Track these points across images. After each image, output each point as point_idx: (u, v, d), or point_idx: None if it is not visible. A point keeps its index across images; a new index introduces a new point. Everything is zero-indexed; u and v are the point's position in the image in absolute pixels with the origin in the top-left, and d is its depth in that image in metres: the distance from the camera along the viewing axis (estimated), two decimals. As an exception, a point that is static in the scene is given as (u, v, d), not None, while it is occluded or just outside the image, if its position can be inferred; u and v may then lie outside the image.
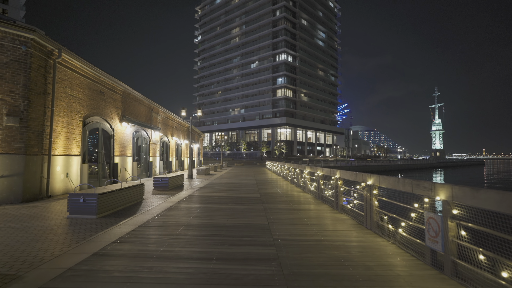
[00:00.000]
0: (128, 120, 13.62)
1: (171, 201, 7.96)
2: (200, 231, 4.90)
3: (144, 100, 15.93)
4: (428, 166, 78.39)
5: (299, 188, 11.93)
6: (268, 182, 14.78)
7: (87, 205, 5.59)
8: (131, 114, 14.44)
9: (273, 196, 9.48)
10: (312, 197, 9.51)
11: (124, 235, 4.50)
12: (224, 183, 13.85)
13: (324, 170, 8.57)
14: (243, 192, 10.56)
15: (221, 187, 12.03)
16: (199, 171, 20.06)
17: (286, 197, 9.33)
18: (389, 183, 4.53)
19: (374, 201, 5.04)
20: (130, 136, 14.32)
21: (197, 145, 33.94)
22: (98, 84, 11.09)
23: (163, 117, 20.11)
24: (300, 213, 6.63)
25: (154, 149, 18.08)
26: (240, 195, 9.72)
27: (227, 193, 10.18)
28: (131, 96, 14.20)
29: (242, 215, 6.34)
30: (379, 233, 4.84)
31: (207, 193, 10.07)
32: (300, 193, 10.40)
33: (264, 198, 9.07)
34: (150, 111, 17.32)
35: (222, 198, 8.90)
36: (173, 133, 22.91)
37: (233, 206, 7.46)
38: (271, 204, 7.91)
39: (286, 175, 16.37)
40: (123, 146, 13.43)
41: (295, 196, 9.72)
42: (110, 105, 12.17)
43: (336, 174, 7.07)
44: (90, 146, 10.64)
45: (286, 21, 72.21)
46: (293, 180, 14.13)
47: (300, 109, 75.11)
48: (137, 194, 7.81)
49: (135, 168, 14.52)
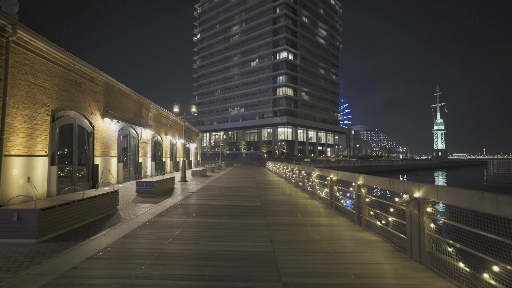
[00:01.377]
0: (112, 116, 12.08)
1: (151, 213, 6.41)
2: (175, 268, 3.34)
3: (132, 95, 14.38)
4: (432, 167, 76.88)
5: (306, 194, 10.39)
6: (269, 186, 13.23)
7: (23, 225, 4.05)
8: (116, 109, 12.89)
9: (276, 205, 7.93)
10: (322, 205, 7.96)
11: (52, 281, 2.94)
12: (220, 187, 12.30)
13: (339, 174, 7.02)
14: (241, 198, 9.01)
15: (216, 192, 10.48)
16: (195, 172, 18.51)
17: (292, 206, 7.78)
18: (460, 198, 2.98)
19: (427, 222, 3.50)
20: (115, 134, 12.77)
21: (194, 145, 32.41)
22: (73, 73, 9.53)
23: (156, 114, 18.56)
24: (314, 232, 5.08)
25: (145, 149, 16.53)
26: (238, 203, 8.17)
27: (222, 200, 8.63)
28: (115, 89, 12.65)
29: (239, 235, 4.79)
30: (434, 269, 3.30)
31: (198, 200, 8.52)
32: (307, 200, 8.86)
33: (266, 207, 7.52)
34: (140, 107, 15.76)
35: (215, 208, 7.35)
36: (167, 132, 21.36)
37: (228, 220, 5.91)
38: (275, 216, 6.36)
39: (289, 177, 14.84)
40: (105, 145, 11.88)
41: (302, 204, 8.17)
42: (89, 98, 10.61)
43: (359, 180, 5.52)
44: (62, 145, 9.09)
45: (287, 18, 70.63)
46: (297, 183, 12.58)
47: (301, 108, 73.53)
48: (108, 204, 6.26)
49: (120, 170, 12.98)
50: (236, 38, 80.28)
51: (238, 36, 79.73)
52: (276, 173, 22.10)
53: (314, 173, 9.32)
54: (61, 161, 9.11)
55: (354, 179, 5.76)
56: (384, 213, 4.75)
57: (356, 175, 5.70)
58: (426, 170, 64.81)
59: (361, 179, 5.49)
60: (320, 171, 8.87)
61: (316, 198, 9.13)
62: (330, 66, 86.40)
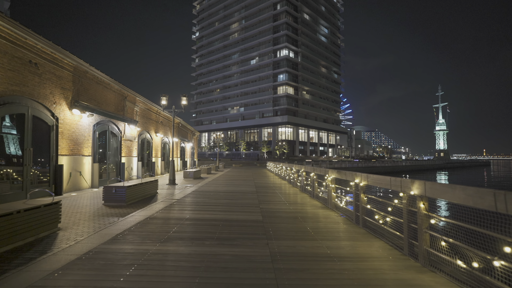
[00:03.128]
0: (85, 108, 10.13)
1: (102, 236, 4.45)
2: None
3: (112, 84, 12.42)
4: (437, 167, 74.91)
5: (317, 201, 8.43)
6: (271, 190, 11.27)
7: None
8: (91, 100, 10.94)
9: (282, 218, 5.97)
10: (343, 219, 6.00)
11: None
12: (213, 192, 10.34)
13: (370, 179, 5.07)
14: (237, 209, 7.05)
15: (206, 200, 8.53)
16: (187, 174, 16.54)
17: (303, 220, 5.82)
18: None
19: None
20: (89, 129, 10.82)
21: (191, 144, 30.45)
22: (25, 50, 7.58)
23: (143, 108, 16.62)
24: (345, 273, 3.13)
25: (130, 147, 14.57)
26: (232, 215, 6.21)
27: (212, 212, 6.67)
28: (89, 75, 10.69)
29: (226, 285, 2.83)
30: None
31: (180, 212, 6.56)
32: (320, 211, 6.90)
33: (269, 222, 5.56)
34: (123, 100, 13.81)
35: (199, 225, 5.39)
36: (158, 129, 19.41)
37: (213, 248, 3.95)
38: (282, 240, 4.40)
39: (294, 180, 12.89)
40: (75, 142, 9.93)
41: (314, 216, 6.21)
42: (50, 83, 8.66)
43: (413, 189, 3.57)
44: (7, 141, 7.14)
45: (288, 15, 68.75)
46: (304, 187, 10.64)
47: (302, 107, 71.60)
48: (40, 222, 4.31)
49: (96, 171, 11.02)
50: (235, 36, 78.40)
51: (238, 33, 77.85)
52: (278, 174, 20.14)
53: (329, 176, 7.36)
54: (9, 161, 7.17)
55: (404, 187, 3.81)
56: (467, 245, 2.80)
57: (408, 180, 3.75)
58: (431, 171, 62.86)
59: (417, 187, 3.53)
60: (337, 173, 6.91)
61: (332, 207, 7.18)
62: (332, 65, 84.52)
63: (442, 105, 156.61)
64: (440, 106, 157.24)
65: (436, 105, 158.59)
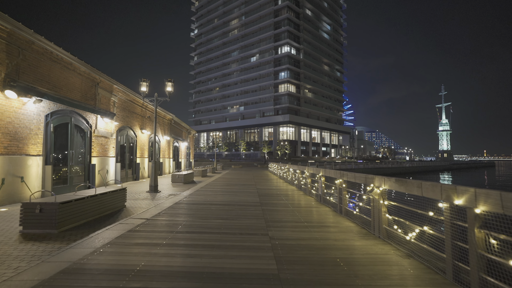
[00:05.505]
0: (27, 90, 7.48)
1: None
2: None
3: (76, 65, 9.77)
4: (442, 168, 72.36)
5: (350, 220, 5.76)
6: (280, 201, 8.61)
7: None
8: (41, 82, 8.28)
9: (313, 265, 3.30)
10: (411, 263, 3.34)
11: None
12: (202, 205, 7.68)
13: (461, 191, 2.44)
14: (233, 240, 4.37)
15: (189, 221, 5.87)
16: (176, 178, 13.87)
17: (349, 267, 3.16)
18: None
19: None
20: (38, 120, 8.17)
21: (186, 144, 27.80)
22: None
23: (125, 100, 13.97)
24: None
25: (104, 146, 11.92)
26: (225, 262, 3.55)
27: (191, 249, 4.00)
28: (36, 49, 8.04)
29: None
30: None
31: (135, 253, 3.90)
32: (366, 244, 4.24)
33: (292, 277, 2.89)
34: (94, 86, 11.16)
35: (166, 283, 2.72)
36: (145, 125, 16.76)
37: None
38: None
39: (306, 186, 10.26)
40: (13, 136, 7.28)
41: (362, 259, 3.55)
42: (-35, 51, 6.03)
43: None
44: None
45: (289, 10, 66.18)
46: (323, 197, 8.00)
47: (304, 106, 68.95)
48: None
49: (48, 176, 8.37)
50: (235, 33, 75.81)
51: (238, 30, 75.27)
52: (282, 177, 17.51)
53: (375, 185, 4.69)
54: None
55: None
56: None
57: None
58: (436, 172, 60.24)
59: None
60: (395, 182, 4.25)
61: (384, 237, 4.52)
62: (334, 63, 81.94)
63: (445, 105, 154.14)
64: (443, 106, 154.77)
65: (439, 105, 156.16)
